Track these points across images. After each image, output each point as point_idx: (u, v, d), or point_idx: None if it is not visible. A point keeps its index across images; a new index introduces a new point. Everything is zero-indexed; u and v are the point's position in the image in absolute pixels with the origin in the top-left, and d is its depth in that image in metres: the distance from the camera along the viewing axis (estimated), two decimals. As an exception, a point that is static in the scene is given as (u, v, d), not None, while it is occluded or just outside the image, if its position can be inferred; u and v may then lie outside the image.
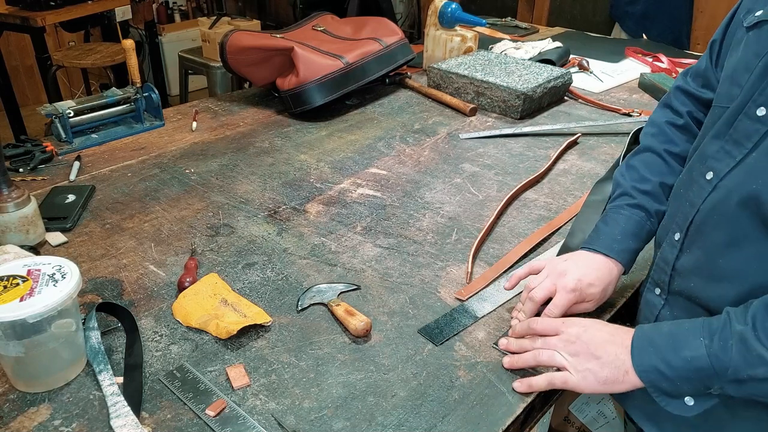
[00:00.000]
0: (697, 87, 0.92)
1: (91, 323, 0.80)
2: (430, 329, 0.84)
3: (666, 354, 0.66)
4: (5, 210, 0.94)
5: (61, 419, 0.69)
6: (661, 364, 0.66)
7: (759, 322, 0.62)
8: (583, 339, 0.73)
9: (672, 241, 0.79)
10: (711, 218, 0.73)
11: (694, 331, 0.66)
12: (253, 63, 1.56)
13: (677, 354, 0.65)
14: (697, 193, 0.75)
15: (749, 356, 0.61)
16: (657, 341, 0.68)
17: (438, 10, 1.81)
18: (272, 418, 0.70)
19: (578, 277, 0.83)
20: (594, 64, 1.98)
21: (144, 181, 1.23)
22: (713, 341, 0.64)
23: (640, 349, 0.68)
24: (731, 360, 0.62)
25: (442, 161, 1.34)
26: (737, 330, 0.62)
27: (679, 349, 0.65)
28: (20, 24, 2.95)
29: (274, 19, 4.51)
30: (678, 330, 0.68)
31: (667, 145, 0.92)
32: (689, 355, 0.64)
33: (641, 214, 0.87)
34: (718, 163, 0.73)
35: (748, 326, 0.62)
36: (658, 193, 0.88)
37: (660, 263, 0.82)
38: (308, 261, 0.98)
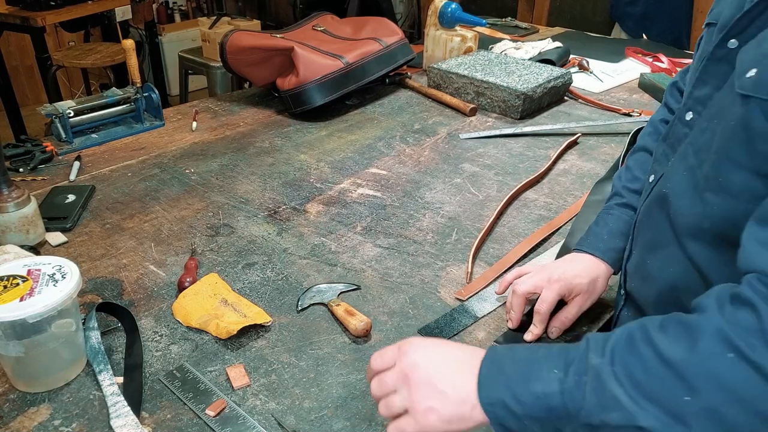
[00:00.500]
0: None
1: (91, 323, 0.80)
2: (430, 329, 0.84)
3: (515, 386, 0.53)
4: (5, 210, 0.94)
5: (61, 419, 0.69)
6: (509, 398, 0.53)
7: (618, 355, 0.50)
8: (422, 368, 0.57)
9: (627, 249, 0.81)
10: (643, 220, 0.75)
11: (550, 360, 0.54)
12: (253, 63, 1.56)
13: (527, 387, 0.52)
14: (644, 196, 0.77)
15: (603, 397, 0.49)
16: (507, 369, 0.55)
17: (438, 10, 1.81)
18: (272, 418, 0.70)
19: (563, 270, 0.83)
20: (594, 64, 1.98)
21: (144, 181, 1.23)
22: (568, 375, 0.52)
23: (488, 378, 0.55)
24: (584, 400, 0.50)
25: (442, 161, 1.34)
26: (593, 363, 0.51)
27: (531, 381, 0.53)
28: (20, 24, 2.94)
29: (274, 19, 4.51)
30: (533, 357, 0.55)
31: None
32: (540, 389, 0.52)
33: (630, 212, 0.87)
34: (658, 165, 0.74)
35: (605, 360, 0.50)
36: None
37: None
38: (308, 261, 0.98)
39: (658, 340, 0.49)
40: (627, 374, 0.49)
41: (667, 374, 0.47)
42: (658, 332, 0.50)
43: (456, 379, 0.56)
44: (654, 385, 0.48)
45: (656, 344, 0.49)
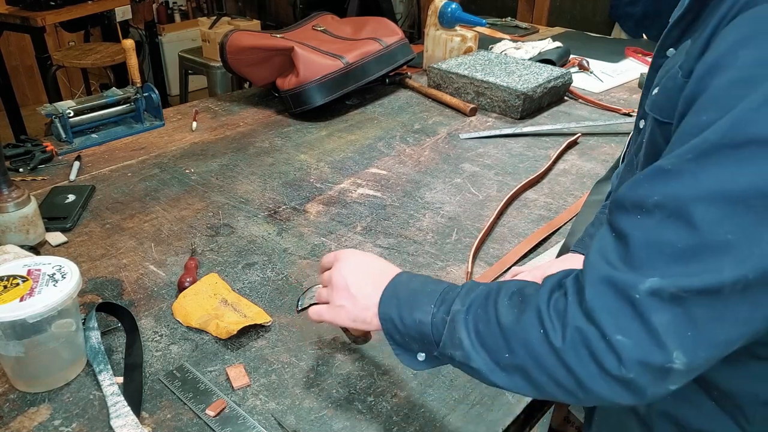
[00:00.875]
0: None
1: (91, 323, 0.80)
2: (430, 329, 0.84)
3: (402, 310, 0.64)
4: (5, 210, 0.94)
5: (61, 419, 0.69)
6: (396, 318, 0.64)
7: (473, 308, 0.60)
8: (344, 274, 0.69)
9: None
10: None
11: (432, 296, 0.64)
12: (253, 63, 1.56)
13: (411, 313, 0.63)
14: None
15: (453, 337, 0.59)
16: (401, 294, 0.66)
17: (438, 10, 1.81)
18: (272, 418, 0.70)
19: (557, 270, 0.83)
20: (594, 64, 1.98)
21: (144, 181, 1.23)
22: (438, 311, 0.62)
23: (386, 297, 0.66)
24: (442, 335, 0.61)
25: (442, 161, 1.34)
26: (454, 309, 0.61)
27: (414, 309, 0.63)
28: (20, 24, 2.94)
29: (274, 19, 4.51)
30: (422, 288, 0.65)
31: None
32: (418, 317, 0.63)
33: None
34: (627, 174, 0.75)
35: (463, 308, 0.60)
36: None
37: None
38: (308, 261, 0.98)
39: (501, 305, 0.58)
40: (473, 323, 0.59)
41: (498, 333, 0.57)
42: (505, 298, 0.59)
43: (366, 289, 0.68)
44: (488, 339, 0.57)
45: (498, 307, 0.58)
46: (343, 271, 0.69)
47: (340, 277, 0.69)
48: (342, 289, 0.68)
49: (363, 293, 0.68)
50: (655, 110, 0.59)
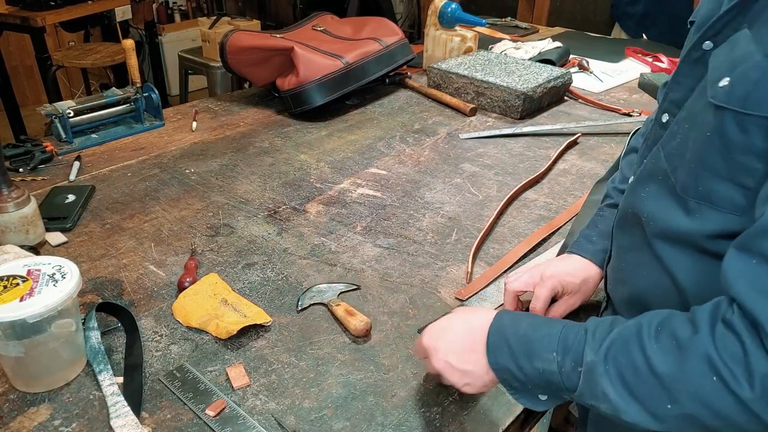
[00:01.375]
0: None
1: (91, 323, 0.80)
2: (430, 329, 0.84)
3: (519, 359, 0.62)
4: (5, 210, 0.94)
5: (61, 419, 0.69)
6: (514, 368, 0.62)
7: (611, 356, 0.56)
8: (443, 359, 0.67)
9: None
10: (618, 222, 0.75)
11: (550, 342, 0.60)
12: (253, 63, 1.56)
13: (530, 362, 0.61)
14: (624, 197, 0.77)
15: (595, 389, 0.56)
16: (512, 342, 0.63)
17: (438, 10, 1.81)
18: (272, 418, 0.70)
19: (555, 268, 0.83)
20: (594, 64, 1.98)
21: (144, 181, 1.23)
22: (565, 360, 0.59)
23: (495, 347, 0.64)
24: (578, 386, 0.58)
25: (442, 161, 1.34)
26: (588, 360, 0.57)
27: (533, 358, 0.61)
28: (20, 24, 2.94)
29: (274, 19, 4.50)
30: (534, 335, 0.62)
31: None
32: (541, 367, 0.60)
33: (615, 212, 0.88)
34: (637, 167, 0.74)
35: (600, 359, 0.56)
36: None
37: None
38: (308, 261, 0.98)
39: (651, 351, 0.53)
40: (618, 374, 0.54)
41: (654, 383, 0.52)
42: (652, 341, 0.54)
43: (472, 356, 0.65)
44: (641, 390, 0.53)
45: (648, 354, 0.53)
46: (438, 357, 0.67)
47: (439, 364, 0.67)
48: (452, 372, 0.67)
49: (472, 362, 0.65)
50: (734, 102, 0.55)
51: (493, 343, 0.64)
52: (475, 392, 0.68)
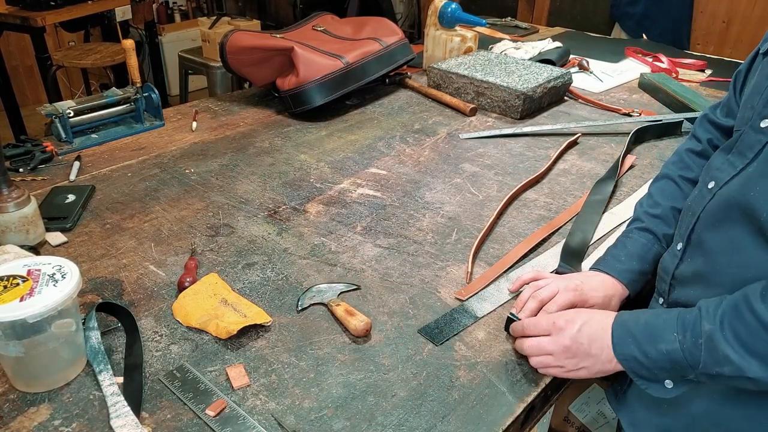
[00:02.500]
0: (722, 116, 0.93)
1: (91, 323, 0.80)
2: (430, 329, 0.83)
3: (644, 345, 0.69)
4: (5, 210, 0.94)
5: (61, 419, 0.69)
6: (640, 355, 0.69)
7: (727, 322, 0.64)
8: (578, 341, 0.74)
9: (674, 251, 0.81)
10: (710, 226, 0.74)
11: (670, 325, 0.68)
12: (253, 63, 1.56)
13: (654, 346, 0.68)
14: (699, 201, 0.77)
15: (717, 355, 0.64)
16: (635, 332, 0.71)
17: (438, 10, 1.81)
18: (272, 418, 0.70)
19: (580, 281, 0.85)
20: (594, 64, 1.98)
21: (144, 181, 1.23)
22: (686, 337, 0.66)
23: (620, 339, 0.72)
24: (701, 357, 0.65)
25: (442, 161, 1.34)
26: (706, 329, 0.65)
27: (656, 341, 0.68)
28: (20, 24, 2.95)
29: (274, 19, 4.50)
30: (655, 321, 0.70)
31: (683, 171, 0.94)
32: (665, 348, 0.67)
33: (648, 236, 0.89)
34: (720, 173, 0.75)
35: (716, 326, 0.64)
36: (667, 216, 0.90)
37: (661, 273, 0.84)
38: (308, 261, 0.98)
39: (760, 309, 0.62)
40: (735, 336, 0.63)
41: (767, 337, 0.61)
42: (758, 302, 0.62)
43: (602, 343, 0.73)
44: (758, 345, 0.61)
45: (758, 312, 0.62)
46: (575, 336, 0.74)
47: (573, 343, 0.74)
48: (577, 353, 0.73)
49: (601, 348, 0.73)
50: None
51: (618, 336, 0.72)
52: (581, 377, 0.75)
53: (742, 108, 0.80)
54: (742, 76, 0.87)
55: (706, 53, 2.54)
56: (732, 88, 0.90)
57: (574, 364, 0.74)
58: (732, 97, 0.90)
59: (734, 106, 0.89)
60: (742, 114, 0.78)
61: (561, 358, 0.74)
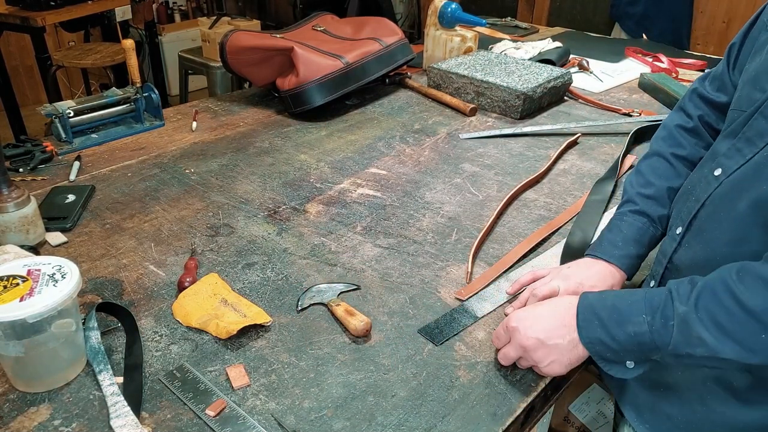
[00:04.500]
0: (712, 90, 0.91)
1: (91, 323, 0.80)
2: (430, 329, 0.83)
3: (610, 328, 0.68)
4: (5, 210, 0.94)
5: (61, 419, 0.69)
6: (606, 338, 0.69)
7: (702, 304, 0.63)
8: (530, 336, 0.72)
9: (673, 234, 0.80)
10: (715, 215, 0.73)
11: (637, 307, 0.68)
12: (253, 63, 1.56)
13: (621, 329, 0.68)
14: (704, 188, 0.76)
15: (690, 337, 0.63)
16: (602, 315, 0.70)
17: (438, 10, 1.81)
18: (272, 418, 0.70)
19: (580, 281, 0.84)
20: (594, 64, 1.98)
21: (144, 181, 1.23)
22: (655, 318, 0.66)
23: (586, 322, 0.71)
24: (671, 338, 0.64)
25: (442, 161, 1.34)
26: (680, 311, 0.64)
27: (623, 324, 0.67)
28: (20, 24, 2.95)
29: (274, 19, 4.50)
30: (621, 304, 0.69)
31: (675, 149, 0.92)
32: (632, 330, 0.67)
33: (643, 220, 0.88)
34: (728, 160, 0.73)
35: (690, 308, 0.63)
36: (662, 197, 0.88)
37: (658, 255, 0.83)
38: (308, 261, 0.98)
39: (739, 291, 0.61)
40: (711, 319, 0.62)
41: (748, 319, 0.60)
42: (737, 284, 0.62)
43: (560, 332, 0.71)
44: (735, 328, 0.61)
45: (737, 295, 0.61)
46: (527, 334, 0.72)
47: (528, 341, 0.72)
48: (541, 350, 0.72)
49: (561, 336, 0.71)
50: None
51: (584, 319, 0.70)
52: (558, 372, 0.73)
53: (743, 86, 0.77)
54: (736, 49, 0.86)
55: (706, 53, 2.54)
56: (725, 62, 0.88)
57: (540, 358, 0.72)
58: (725, 71, 0.88)
59: (727, 80, 0.88)
60: (744, 93, 0.76)
61: (529, 357, 0.73)
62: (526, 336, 0.73)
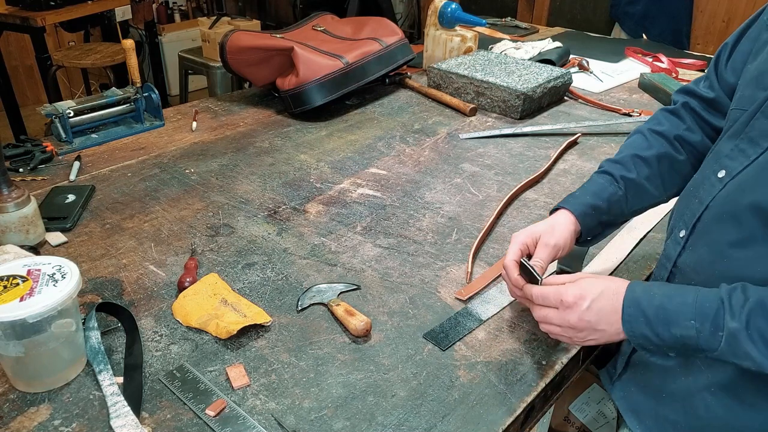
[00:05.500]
0: (698, 86, 0.92)
1: (91, 323, 0.80)
2: (435, 334, 0.83)
3: (656, 327, 0.68)
4: (5, 210, 0.94)
5: (61, 419, 0.69)
6: (651, 335, 0.69)
7: (753, 322, 0.62)
8: (585, 318, 0.72)
9: (677, 238, 0.79)
10: (720, 217, 0.72)
11: (686, 310, 0.67)
12: (253, 63, 1.56)
13: (667, 329, 0.67)
14: (708, 190, 0.75)
15: (738, 351, 0.63)
16: (648, 313, 0.69)
17: (438, 10, 1.81)
18: (272, 418, 0.70)
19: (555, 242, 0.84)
20: (594, 64, 1.98)
21: (144, 181, 1.23)
22: (704, 326, 0.65)
23: (631, 317, 0.70)
24: (719, 347, 0.64)
25: (442, 161, 1.34)
26: (730, 326, 0.63)
27: (670, 325, 0.67)
28: (20, 24, 2.95)
29: (274, 19, 4.51)
30: (669, 304, 0.68)
31: (652, 125, 0.93)
32: (679, 333, 0.66)
33: (606, 177, 0.89)
34: (731, 161, 0.73)
35: (742, 325, 0.63)
36: (626, 161, 0.90)
37: (662, 259, 0.83)
38: (308, 261, 0.98)
39: None
40: (761, 337, 0.62)
41: None
42: None
43: (612, 317, 0.71)
44: None
45: None
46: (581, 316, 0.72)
47: (581, 322, 0.72)
48: (585, 329, 0.73)
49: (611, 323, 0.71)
50: None
51: (629, 314, 0.70)
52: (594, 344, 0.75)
53: (746, 86, 0.77)
54: (729, 49, 0.86)
55: (706, 53, 2.54)
56: (715, 61, 0.89)
57: (582, 337, 0.74)
58: (712, 70, 0.89)
59: (714, 79, 0.88)
60: (746, 93, 0.76)
61: (568, 331, 0.74)
62: (579, 317, 0.72)
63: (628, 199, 0.88)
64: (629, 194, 0.88)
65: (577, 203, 0.87)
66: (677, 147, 0.90)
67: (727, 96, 0.85)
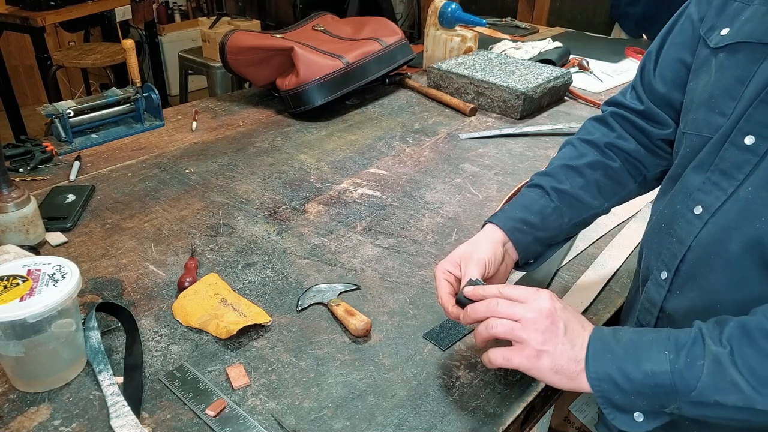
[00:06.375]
0: (625, 97, 0.88)
1: (91, 323, 0.80)
2: (435, 334, 0.83)
3: (624, 364, 0.59)
4: (5, 210, 0.94)
5: (61, 419, 0.69)
6: (618, 375, 0.60)
7: (736, 346, 0.56)
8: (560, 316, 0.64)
9: (658, 280, 0.73)
10: (707, 258, 0.67)
11: (658, 343, 0.59)
12: (253, 63, 1.56)
13: (637, 366, 0.59)
14: (685, 228, 0.69)
15: (722, 381, 0.56)
16: (616, 349, 0.61)
17: (438, 10, 1.81)
18: (272, 418, 0.70)
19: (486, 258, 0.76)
20: (594, 64, 1.99)
21: (144, 181, 1.23)
22: (679, 357, 0.58)
23: (596, 354, 0.62)
24: (699, 381, 0.56)
25: (442, 161, 1.34)
26: (712, 351, 0.57)
27: (640, 361, 0.59)
28: (20, 24, 2.95)
29: (274, 19, 4.51)
30: (640, 339, 0.61)
31: (582, 134, 0.90)
32: (650, 368, 0.58)
33: (536, 190, 0.84)
34: (706, 196, 0.67)
35: (725, 349, 0.56)
36: (556, 172, 0.85)
37: (645, 303, 0.76)
38: (308, 261, 0.98)
39: None
40: (746, 365, 0.55)
41: None
42: None
43: (582, 339, 0.62)
44: None
45: None
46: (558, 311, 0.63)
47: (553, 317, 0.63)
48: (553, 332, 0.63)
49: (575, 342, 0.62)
50: None
51: (594, 351, 0.61)
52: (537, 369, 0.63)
53: (697, 108, 0.72)
54: (653, 57, 0.83)
55: (706, 53, 2.53)
56: (640, 72, 0.85)
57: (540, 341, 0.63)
58: (638, 82, 0.85)
59: (641, 90, 0.84)
60: (699, 116, 0.71)
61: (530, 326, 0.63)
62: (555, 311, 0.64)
63: (563, 211, 0.82)
64: (564, 206, 0.82)
65: (505, 217, 0.80)
66: (609, 155, 0.85)
67: (657, 106, 0.82)
